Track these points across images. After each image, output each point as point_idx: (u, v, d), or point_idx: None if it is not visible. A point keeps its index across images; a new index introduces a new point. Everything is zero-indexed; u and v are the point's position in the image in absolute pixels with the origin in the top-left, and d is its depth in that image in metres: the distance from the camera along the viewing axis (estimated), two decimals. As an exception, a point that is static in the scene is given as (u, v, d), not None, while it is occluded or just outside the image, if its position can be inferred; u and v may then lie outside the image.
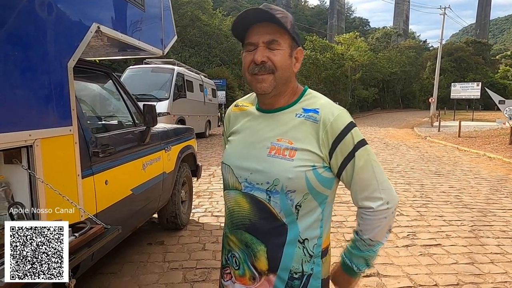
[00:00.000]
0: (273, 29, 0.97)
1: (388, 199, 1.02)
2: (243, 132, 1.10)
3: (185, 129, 4.12)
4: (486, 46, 58.30)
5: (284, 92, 1.05)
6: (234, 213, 1.07)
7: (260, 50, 0.98)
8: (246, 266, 1.06)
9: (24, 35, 1.51)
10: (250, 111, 1.13)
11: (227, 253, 1.13)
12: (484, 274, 2.99)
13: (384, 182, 1.03)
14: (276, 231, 1.01)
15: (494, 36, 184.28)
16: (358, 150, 1.00)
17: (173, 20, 3.25)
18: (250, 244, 1.04)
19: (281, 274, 1.03)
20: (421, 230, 3.99)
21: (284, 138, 1.01)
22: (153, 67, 11.63)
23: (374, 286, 2.77)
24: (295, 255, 1.02)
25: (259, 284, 1.05)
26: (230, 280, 1.12)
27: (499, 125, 12.93)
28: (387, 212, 1.02)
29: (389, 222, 1.04)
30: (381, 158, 9.43)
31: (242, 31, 1.02)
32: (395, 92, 52.22)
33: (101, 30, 2.01)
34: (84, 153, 2.02)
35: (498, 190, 6.00)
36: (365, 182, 1.01)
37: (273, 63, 0.98)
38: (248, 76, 1.02)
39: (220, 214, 4.43)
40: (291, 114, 1.03)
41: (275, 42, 0.98)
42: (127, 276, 2.87)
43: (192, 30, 26.17)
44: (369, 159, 1.01)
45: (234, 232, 1.08)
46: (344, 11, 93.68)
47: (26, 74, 1.52)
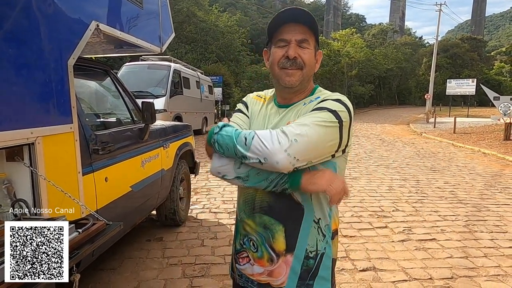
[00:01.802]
0: (304, 30, 1.08)
1: (283, 141, 0.95)
2: (259, 121, 1.19)
3: (183, 126, 4.13)
4: (481, 42, 58.48)
5: (305, 89, 1.16)
6: (252, 198, 1.13)
7: (292, 47, 1.07)
8: (264, 248, 1.12)
9: (24, 33, 1.52)
10: (268, 103, 1.22)
11: (243, 238, 1.18)
12: (477, 267, 3.05)
13: (297, 134, 0.96)
14: (293, 211, 1.09)
15: (490, 32, 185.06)
16: (318, 110, 1.03)
17: (171, 17, 3.25)
18: (269, 226, 1.11)
19: (297, 253, 1.09)
20: (417, 225, 4.05)
21: (292, 120, 1.09)
22: (149, 64, 11.58)
23: (370, 280, 2.82)
24: (310, 234, 1.10)
25: (276, 266, 1.11)
26: (248, 263, 1.17)
27: (493, 121, 13.02)
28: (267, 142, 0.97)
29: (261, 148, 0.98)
30: (377, 154, 9.50)
31: (275, 28, 1.10)
32: (391, 89, 52.38)
33: (100, 28, 2.02)
34: (84, 150, 2.04)
35: (492, 186, 6.08)
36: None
37: (302, 60, 1.08)
38: (277, 69, 1.11)
39: (218, 211, 4.46)
40: (300, 104, 1.14)
41: (306, 41, 1.08)
42: (127, 272, 2.90)
43: (188, 27, 26.01)
44: (316, 120, 0.99)
45: (252, 216, 1.14)
46: (341, 7, 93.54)
47: (27, 72, 1.53)
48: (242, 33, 29.61)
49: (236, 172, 1.05)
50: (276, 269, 1.11)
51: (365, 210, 4.57)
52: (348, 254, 3.27)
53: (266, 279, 1.14)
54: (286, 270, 1.10)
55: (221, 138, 1.04)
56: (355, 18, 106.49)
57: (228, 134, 1.03)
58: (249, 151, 0.97)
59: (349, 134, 1.06)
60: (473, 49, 52.11)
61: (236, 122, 1.18)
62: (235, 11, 41.17)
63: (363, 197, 5.21)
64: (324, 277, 1.13)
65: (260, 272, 1.14)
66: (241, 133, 1.01)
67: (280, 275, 1.11)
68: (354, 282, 2.78)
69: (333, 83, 36.86)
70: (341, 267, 3.01)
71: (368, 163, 8.13)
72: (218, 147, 1.05)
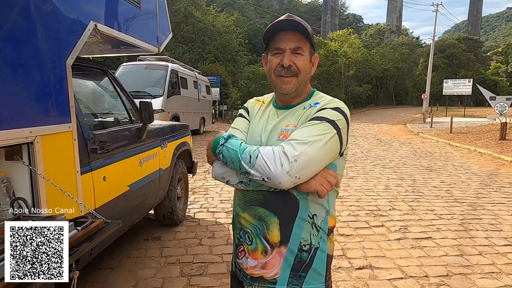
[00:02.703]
0: (299, 37, 1.12)
1: (289, 155, 1.01)
2: (259, 122, 1.24)
3: (180, 126, 4.14)
4: (477, 43, 58.79)
5: (302, 93, 1.21)
6: (247, 192, 1.16)
7: (287, 56, 1.13)
8: (259, 240, 1.15)
9: (23, 33, 1.53)
10: (267, 106, 1.28)
11: (239, 231, 1.21)
12: (472, 265, 3.09)
13: (299, 150, 1.01)
14: (288, 204, 1.12)
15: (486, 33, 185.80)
16: (318, 119, 1.08)
17: (169, 17, 3.27)
18: (264, 217, 1.14)
19: (291, 246, 1.12)
20: (413, 224, 4.08)
21: (291, 123, 1.15)
22: (147, 64, 11.57)
23: (367, 278, 2.85)
24: (304, 228, 1.12)
25: (270, 257, 1.14)
26: (244, 256, 1.19)
27: (490, 121, 13.08)
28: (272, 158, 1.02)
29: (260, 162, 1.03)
30: (374, 154, 9.55)
31: (271, 36, 1.16)
32: (388, 89, 52.53)
33: (98, 28, 2.04)
34: (83, 149, 2.05)
35: (487, 185, 6.14)
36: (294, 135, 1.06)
37: (297, 67, 1.13)
38: (273, 77, 1.17)
39: (215, 210, 4.48)
40: (300, 108, 1.18)
41: (300, 49, 1.13)
42: (125, 271, 2.91)
43: (185, 27, 25.97)
44: (317, 134, 1.04)
45: (247, 209, 1.18)
46: (338, 8, 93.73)
47: (26, 72, 1.54)
48: (239, 33, 29.62)
49: (239, 177, 1.12)
50: (270, 260, 1.13)
51: (361, 209, 4.61)
52: (344, 252, 3.30)
53: (259, 272, 1.16)
54: (280, 262, 1.12)
55: (226, 151, 1.10)
56: (353, 19, 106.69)
57: (233, 148, 1.09)
58: (253, 169, 1.04)
59: (347, 138, 1.12)
60: (469, 49, 52.40)
61: (238, 127, 1.26)
62: (233, 11, 41.11)
63: (360, 196, 5.24)
64: (317, 271, 1.14)
65: (253, 265, 1.16)
66: (246, 150, 1.07)
67: (274, 266, 1.13)
68: (350, 280, 2.81)
69: (331, 83, 36.94)
70: (338, 265, 3.03)
71: (365, 163, 8.17)
72: (223, 158, 1.11)
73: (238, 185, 1.14)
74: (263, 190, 1.11)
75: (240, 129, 1.26)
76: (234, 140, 1.12)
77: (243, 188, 1.14)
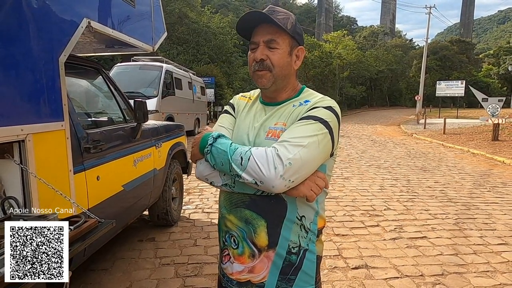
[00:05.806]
0: (273, 30, 1.06)
1: (283, 157, 0.96)
2: (246, 119, 1.19)
3: (175, 126, 4.11)
4: (470, 45, 59.44)
5: (286, 87, 1.14)
6: (233, 193, 1.10)
7: (260, 49, 1.08)
8: (246, 244, 1.09)
9: (15, 30, 1.50)
10: (254, 102, 1.23)
11: (224, 234, 1.15)
12: (467, 264, 3.10)
13: (292, 150, 0.96)
14: (276, 207, 1.06)
15: (478, 35, 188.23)
16: (312, 119, 1.02)
17: (163, 17, 3.24)
18: (251, 220, 1.08)
19: (279, 249, 1.07)
20: (408, 224, 4.09)
21: (280, 121, 1.09)
22: (141, 64, 11.49)
23: (363, 277, 2.84)
24: (293, 230, 1.07)
25: (258, 261, 1.08)
26: (229, 261, 1.14)
27: (482, 122, 13.22)
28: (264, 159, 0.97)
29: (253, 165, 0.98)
30: (368, 155, 9.58)
31: (248, 31, 1.11)
32: (382, 90, 52.88)
33: (92, 25, 2.01)
34: (76, 148, 2.02)
35: (481, 185, 6.19)
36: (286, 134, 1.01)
37: (271, 61, 1.07)
38: (251, 72, 1.12)
39: (210, 211, 4.45)
40: (289, 105, 1.12)
41: (274, 41, 1.07)
42: (119, 272, 2.87)
43: (180, 28, 25.91)
44: (310, 135, 0.99)
45: (233, 211, 1.11)
46: (332, 10, 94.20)
47: (18, 69, 1.51)
48: (234, 34, 29.61)
49: (223, 179, 1.06)
50: (257, 264, 1.08)
51: (357, 209, 4.61)
52: (340, 252, 3.29)
53: (246, 277, 1.10)
54: (268, 265, 1.08)
55: (216, 151, 1.02)
56: (347, 20, 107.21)
57: (223, 148, 1.01)
58: (244, 172, 0.97)
59: (338, 138, 1.07)
60: (462, 52, 52.96)
61: (223, 125, 1.20)
62: (227, 13, 41.17)
63: (355, 197, 5.24)
64: (307, 273, 1.10)
65: (239, 270, 1.11)
66: (236, 151, 1.00)
67: (262, 270, 1.08)
68: (346, 279, 2.80)
69: (325, 84, 37.06)
70: (334, 265, 3.03)
71: (360, 163, 8.19)
72: (211, 158, 1.04)
73: (223, 187, 1.08)
74: (249, 192, 1.06)
75: (226, 126, 1.19)
76: (224, 140, 1.04)
77: (228, 190, 1.08)
